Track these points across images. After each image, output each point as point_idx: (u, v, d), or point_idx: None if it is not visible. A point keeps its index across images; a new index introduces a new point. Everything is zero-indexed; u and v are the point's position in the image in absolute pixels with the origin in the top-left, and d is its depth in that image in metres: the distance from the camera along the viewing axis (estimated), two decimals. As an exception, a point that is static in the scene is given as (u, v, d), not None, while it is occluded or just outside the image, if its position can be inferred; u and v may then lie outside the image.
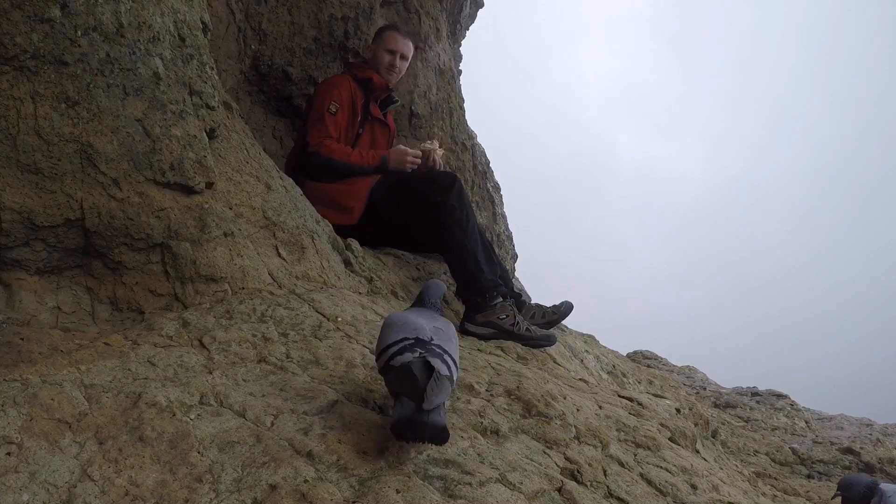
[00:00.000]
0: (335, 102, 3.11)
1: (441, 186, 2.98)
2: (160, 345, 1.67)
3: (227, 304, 1.92)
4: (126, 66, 1.84)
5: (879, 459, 4.27)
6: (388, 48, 3.32)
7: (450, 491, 1.30)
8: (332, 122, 3.08)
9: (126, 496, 1.17)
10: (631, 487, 1.58)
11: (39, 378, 1.41)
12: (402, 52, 3.36)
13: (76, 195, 1.76)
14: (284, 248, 2.29)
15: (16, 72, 1.68)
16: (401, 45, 3.34)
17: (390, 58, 3.31)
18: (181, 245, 1.92)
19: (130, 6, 1.86)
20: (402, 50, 3.35)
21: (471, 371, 1.95)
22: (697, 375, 6.89)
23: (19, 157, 1.68)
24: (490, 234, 4.87)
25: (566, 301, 3.28)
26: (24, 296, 1.74)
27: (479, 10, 5.59)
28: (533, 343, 2.76)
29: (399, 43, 3.34)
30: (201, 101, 2.07)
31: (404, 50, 3.36)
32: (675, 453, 1.89)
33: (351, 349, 1.84)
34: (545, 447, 1.62)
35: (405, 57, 3.39)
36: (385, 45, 3.33)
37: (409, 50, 3.40)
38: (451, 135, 4.60)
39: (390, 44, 3.32)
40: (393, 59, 3.32)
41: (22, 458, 1.20)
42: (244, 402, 1.48)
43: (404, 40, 3.37)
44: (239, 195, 2.23)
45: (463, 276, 2.89)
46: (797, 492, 3.35)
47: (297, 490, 1.21)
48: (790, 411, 5.52)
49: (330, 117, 3.09)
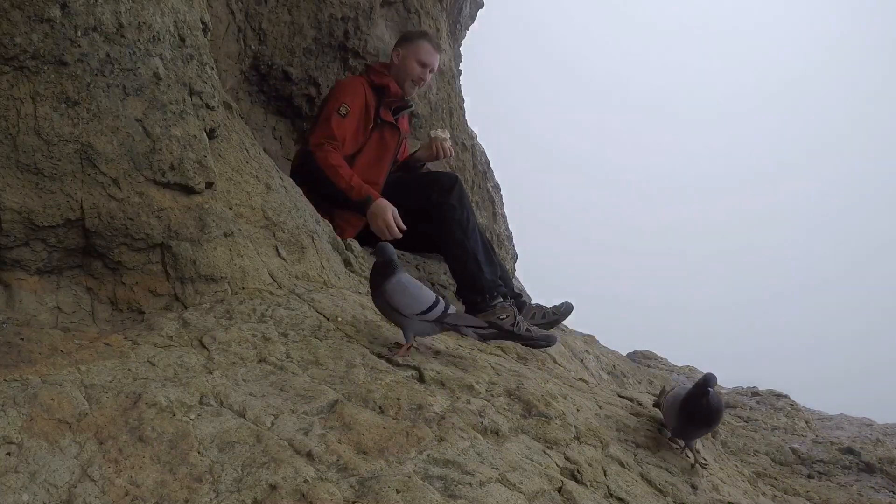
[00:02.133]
0: (346, 105, 3.01)
1: (441, 187, 2.97)
2: (160, 345, 1.67)
3: (227, 304, 1.92)
4: (126, 66, 1.84)
5: (879, 459, 4.27)
6: (420, 60, 3.18)
7: (450, 491, 1.30)
8: (338, 124, 2.98)
9: (126, 496, 1.17)
10: (631, 487, 1.58)
11: (39, 378, 1.41)
12: (433, 66, 3.24)
13: (76, 195, 1.76)
14: (284, 248, 2.29)
15: (16, 72, 1.68)
16: (433, 58, 3.22)
17: (421, 70, 3.19)
18: (181, 245, 1.92)
19: (130, 6, 1.86)
20: (433, 64, 3.22)
21: (471, 371, 1.95)
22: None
23: (19, 157, 1.68)
24: (490, 234, 4.87)
25: (566, 301, 3.29)
26: (24, 296, 1.74)
27: (479, 10, 5.60)
28: (533, 343, 2.76)
29: (432, 56, 3.21)
30: (201, 101, 2.07)
31: (435, 64, 3.25)
32: (675, 453, 1.89)
33: (351, 349, 1.84)
34: (545, 447, 1.62)
35: (434, 71, 3.28)
36: (418, 55, 3.18)
37: (437, 63, 3.29)
38: (451, 135, 4.60)
39: (424, 56, 3.18)
40: (424, 73, 3.20)
41: (22, 458, 1.20)
42: (244, 402, 1.48)
43: (436, 53, 3.24)
44: (239, 195, 2.23)
45: (463, 276, 2.89)
46: (797, 492, 3.35)
47: (297, 490, 1.21)
48: (790, 411, 5.51)
49: (337, 119, 2.99)
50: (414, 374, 1.81)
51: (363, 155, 3.13)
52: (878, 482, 4.06)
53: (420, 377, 1.80)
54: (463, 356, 2.08)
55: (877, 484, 4.03)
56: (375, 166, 3.17)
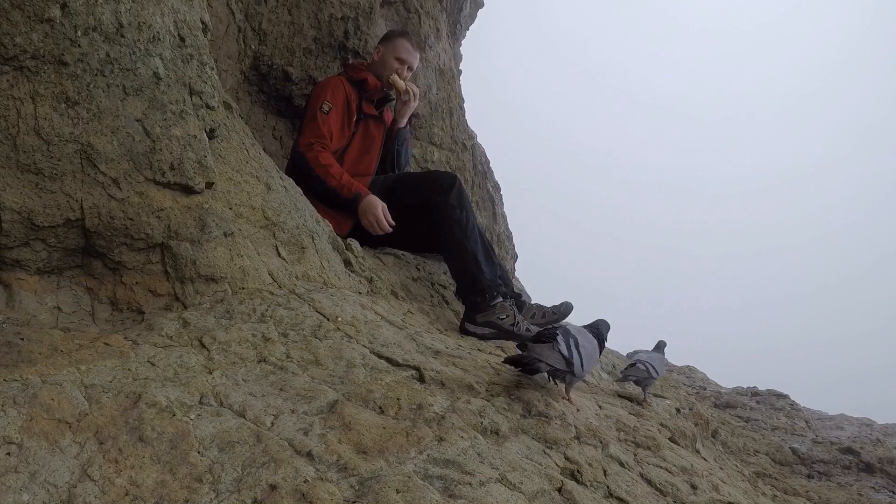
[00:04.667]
0: (328, 102, 3.09)
1: (441, 186, 2.98)
2: (160, 345, 1.67)
3: (227, 304, 1.92)
4: (126, 66, 1.84)
5: (879, 459, 4.27)
6: (398, 56, 3.29)
7: (450, 491, 1.30)
8: (323, 121, 3.06)
9: (126, 496, 1.17)
10: (631, 487, 1.58)
11: (39, 378, 1.41)
12: (412, 63, 3.34)
13: (76, 195, 1.76)
14: (284, 248, 2.29)
15: (16, 72, 1.68)
16: (412, 56, 3.32)
17: (399, 67, 3.29)
18: (181, 245, 1.92)
19: (130, 6, 1.86)
20: (411, 61, 3.33)
21: (471, 371, 1.95)
22: (697, 375, 6.89)
23: (19, 157, 1.68)
24: (490, 234, 4.86)
25: (566, 301, 3.29)
26: (24, 296, 1.74)
27: (479, 10, 5.60)
28: (533, 343, 2.76)
29: (411, 54, 3.31)
30: (201, 101, 2.07)
31: (413, 62, 3.35)
32: (675, 453, 1.89)
33: (351, 349, 1.84)
34: (545, 447, 1.62)
35: (412, 69, 3.37)
36: (396, 52, 3.29)
37: (417, 62, 3.39)
38: (451, 135, 4.60)
39: (402, 52, 3.29)
40: (401, 70, 3.29)
41: (22, 458, 1.20)
42: (244, 402, 1.48)
43: (415, 51, 3.35)
44: (239, 195, 2.23)
45: (463, 276, 2.90)
46: (797, 492, 3.35)
47: (297, 490, 1.21)
48: (790, 411, 5.52)
49: (322, 116, 3.06)
50: (414, 374, 1.81)
51: (352, 148, 3.23)
52: (878, 482, 4.06)
53: (420, 377, 1.80)
54: (463, 356, 2.08)
55: (877, 484, 4.03)
56: (364, 158, 3.27)
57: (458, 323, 2.88)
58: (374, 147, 3.31)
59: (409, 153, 3.63)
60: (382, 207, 2.97)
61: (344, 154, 3.20)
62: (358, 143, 3.24)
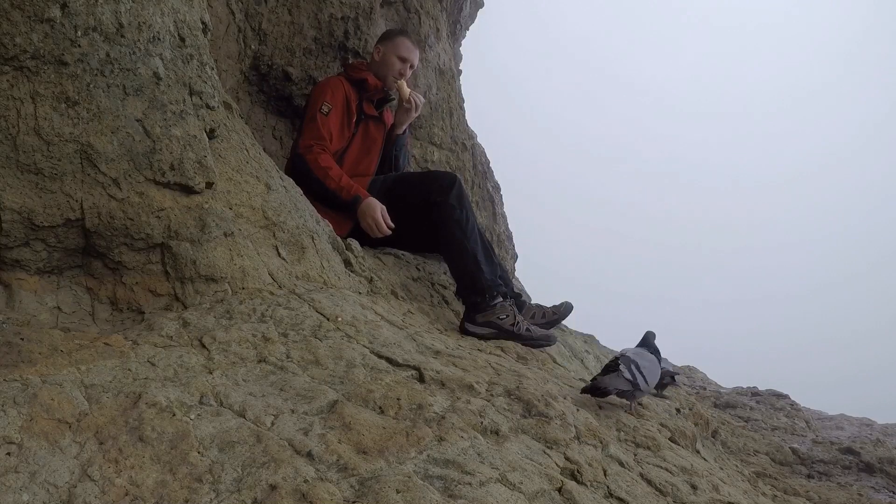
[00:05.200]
0: (328, 103, 3.09)
1: (441, 186, 2.98)
2: (160, 345, 1.67)
3: (227, 304, 1.92)
4: (126, 66, 1.84)
5: (879, 459, 4.26)
6: (399, 54, 3.28)
7: (450, 491, 1.30)
8: (322, 122, 3.06)
9: (126, 496, 1.17)
10: (631, 487, 1.58)
11: (39, 378, 1.41)
12: (413, 61, 3.34)
13: (76, 195, 1.76)
14: (284, 248, 2.29)
15: (16, 72, 1.68)
16: (413, 54, 3.32)
17: (401, 65, 3.28)
18: (181, 245, 1.92)
19: (130, 6, 1.86)
20: (412, 59, 3.33)
21: (471, 371, 1.95)
22: (697, 375, 6.89)
23: (19, 157, 1.68)
24: (490, 234, 4.87)
25: (566, 301, 3.29)
26: (24, 296, 1.74)
27: (479, 10, 5.60)
28: (533, 343, 2.76)
29: (411, 52, 3.31)
30: (201, 101, 2.07)
31: (414, 59, 3.35)
32: (675, 453, 1.89)
33: (351, 349, 1.84)
34: (545, 447, 1.62)
35: (413, 66, 3.37)
36: (397, 50, 3.29)
37: (417, 60, 3.40)
38: (451, 135, 4.60)
39: (403, 50, 3.29)
40: (404, 68, 3.29)
41: (22, 458, 1.20)
42: (244, 402, 1.48)
43: (415, 49, 3.35)
44: (239, 195, 2.23)
45: (463, 276, 2.90)
46: (797, 492, 3.35)
47: (297, 490, 1.21)
48: (790, 411, 5.52)
49: (322, 118, 3.06)
50: (414, 374, 1.81)
51: (351, 149, 3.22)
52: (878, 482, 4.06)
53: (420, 377, 1.80)
54: (463, 356, 2.08)
55: (877, 484, 4.03)
56: (364, 159, 3.27)
57: (458, 323, 2.88)
58: (374, 148, 3.31)
59: (408, 155, 3.63)
60: (382, 210, 2.97)
61: (344, 155, 3.19)
62: (358, 144, 3.24)
